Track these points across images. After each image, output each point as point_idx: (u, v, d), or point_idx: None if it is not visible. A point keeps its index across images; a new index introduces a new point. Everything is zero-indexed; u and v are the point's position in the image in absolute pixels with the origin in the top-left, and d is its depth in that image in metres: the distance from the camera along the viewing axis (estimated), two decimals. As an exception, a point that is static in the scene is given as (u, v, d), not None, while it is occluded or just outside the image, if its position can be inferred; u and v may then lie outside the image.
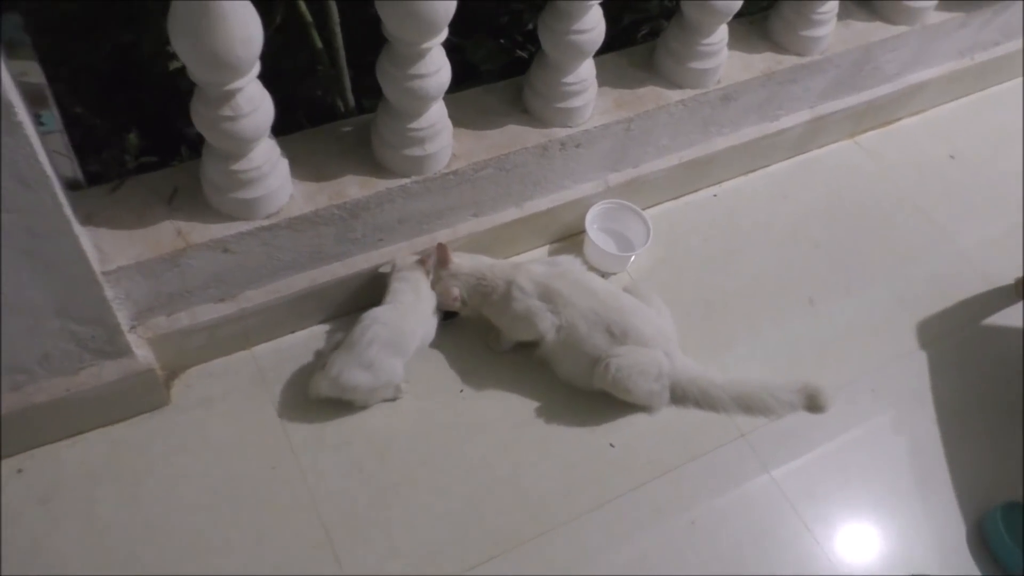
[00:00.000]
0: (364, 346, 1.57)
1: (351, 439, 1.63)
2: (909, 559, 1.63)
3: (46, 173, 1.14)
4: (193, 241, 1.47)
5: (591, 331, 1.63)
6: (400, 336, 1.59)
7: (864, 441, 1.76)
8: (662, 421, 1.72)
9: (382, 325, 1.58)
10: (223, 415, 1.63)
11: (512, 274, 1.67)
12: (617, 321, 1.63)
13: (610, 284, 1.72)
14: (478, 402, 1.70)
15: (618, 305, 1.65)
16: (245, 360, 1.70)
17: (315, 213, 1.54)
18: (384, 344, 1.57)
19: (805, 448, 1.73)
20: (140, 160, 2.21)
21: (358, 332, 1.58)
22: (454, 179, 1.66)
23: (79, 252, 1.28)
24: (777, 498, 1.66)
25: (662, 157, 1.96)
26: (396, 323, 1.59)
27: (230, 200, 1.47)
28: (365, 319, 1.59)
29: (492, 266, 1.69)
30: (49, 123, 1.90)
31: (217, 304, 1.60)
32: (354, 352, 1.57)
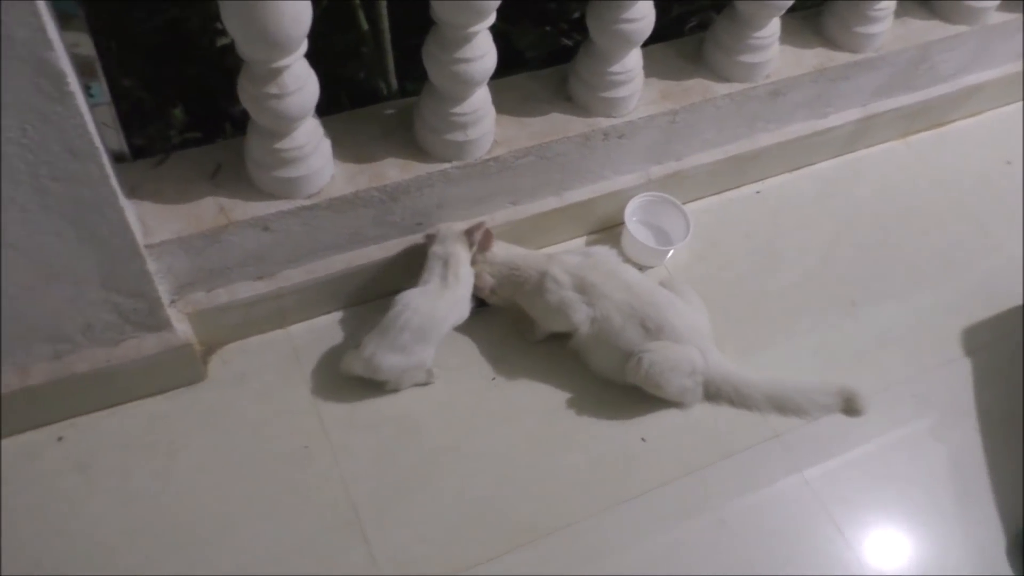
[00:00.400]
0: (397, 331, 1.58)
1: (382, 421, 1.64)
2: (944, 569, 1.60)
3: (95, 144, 1.16)
4: (235, 218, 1.48)
5: (625, 324, 1.62)
6: (431, 323, 1.60)
7: (903, 447, 1.73)
8: (694, 418, 1.71)
9: (413, 311, 1.58)
10: (257, 392, 1.65)
11: (546, 265, 1.66)
12: (652, 316, 1.62)
13: (645, 277, 1.71)
14: (509, 390, 1.70)
15: (653, 299, 1.64)
16: (280, 339, 1.72)
17: (355, 195, 1.55)
18: (415, 330, 1.58)
19: (840, 451, 1.71)
20: (184, 135, 2.24)
21: (391, 316, 1.59)
22: (494, 166, 1.65)
23: (124, 224, 1.30)
24: (810, 500, 1.64)
25: (706, 151, 1.94)
26: (428, 310, 1.60)
27: (272, 178, 1.49)
28: (398, 303, 1.60)
29: (526, 256, 1.69)
30: (98, 95, 1.93)
31: (255, 282, 1.62)
32: (387, 336, 1.58)
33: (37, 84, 1.06)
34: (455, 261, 1.63)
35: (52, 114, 1.10)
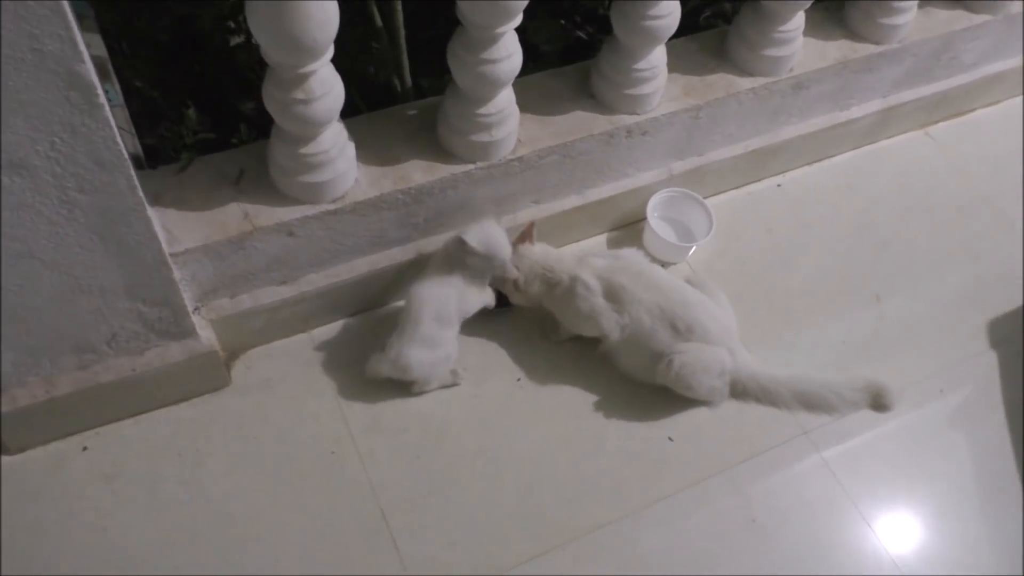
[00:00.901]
0: (413, 325, 1.57)
1: (408, 425, 1.63)
2: (974, 564, 1.60)
3: (123, 155, 1.15)
4: (260, 224, 1.47)
5: (655, 326, 1.61)
6: (446, 307, 1.58)
7: (930, 442, 1.73)
8: (722, 416, 1.70)
9: (423, 301, 1.58)
10: (282, 397, 1.64)
11: (577, 269, 1.65)
12: (682, 316, 1.61)
13: (674, 277, 1.69)
14: (535, 392, 1.70)
15: (683, 299, 1.63)
16: (304, 343, 1.71)
17: (379, 198, 1.54)
18: (432, 317, 1.57)
19: (869, 448, 1.70)
20: (198, 136, 2.22)
21: (405, 313, 1.60)
22: (518, 166, 1.64)
23: (151, 234, 1.28)
24: (840, 498, 1.63)
25: (728, 146, 1.93)
26: (436, 294, 1.59)
27: (297, 183, 1.47)
28: (409, 299, 1.60)
29: (560, 259, 1.67)
30: (113, 97, 1.91)
31: (279, 287, 1.61)
32: (406, 332, 1.58)
33: (67, 97, 1.05)
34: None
35: (81, 126, 1.09)
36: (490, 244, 1.55)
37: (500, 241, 1.57)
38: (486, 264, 1.57)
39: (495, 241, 1.56)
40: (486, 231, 1.56)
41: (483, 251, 1.54)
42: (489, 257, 1.56)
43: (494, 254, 1.56)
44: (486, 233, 1.56)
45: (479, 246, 1.54)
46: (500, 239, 1.57)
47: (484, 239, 1.55)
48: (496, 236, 1.57)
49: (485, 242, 1.55)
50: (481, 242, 1.54)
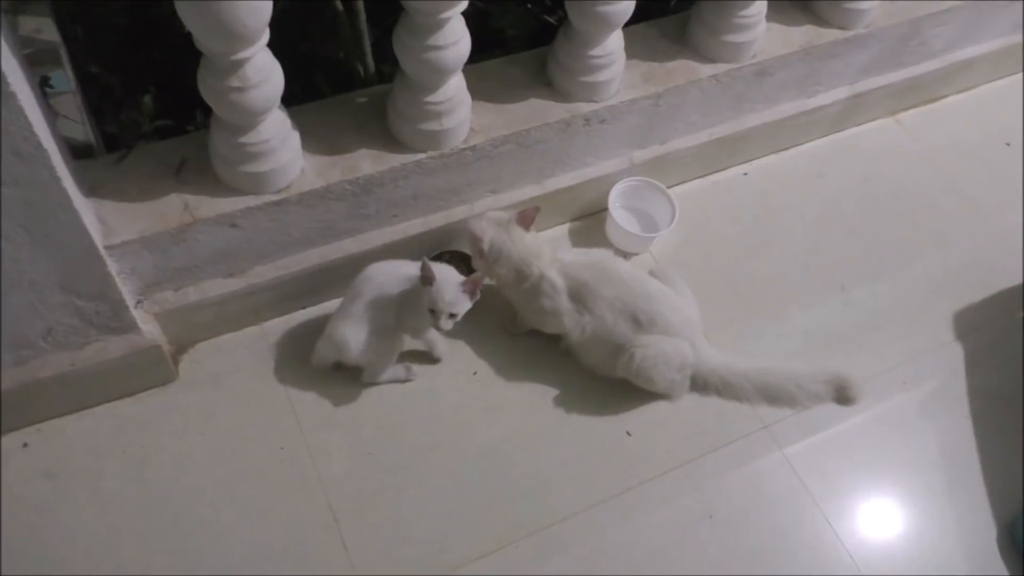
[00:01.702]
0: (351, 299, 1.55)
1: (361, 420, 1.60)
2: (936, 560, 1.57)
3: (42, 146, 1.10)
4: (200, 216, 1.43)
5: (616, 320, 1.58)
6: (386, 292, 1.54)
7: (894, 436, 1.70)
8: (682, 410, 1.67)
9: (368, 277, 1.55)
10: (231, 392, 1.61)
11: (545, 267, 1.61)
12: (644, 309, 1.58)
13: (638, 271, 1.66)
14: (493, 386, 1.67)
15: (645, 291, 1.60)
16: (255, 336, 1.68)
17: (326, 188, 1.51)
18: (372, 296, 1.54)
19: (831, 442, 1.68)
20: (156, 123, 2.17)
21: (349, 287, 1.57)
22: (472, 155, 1.61)
23: (80, 227, 1.24)
24: (800, 494, 1.61)
25: (691, 134, 1.90)
26: (383, 279, 1.55)
27: (239, 174, 1.44)
28: (361, 274, 1.57)
29: (539, 254, 1.60)
30: (60, 84, 1.86)
31: (226, 279, 1.57)
32: (343, 307, 1.56)
33: (-26, 87, 1.00)
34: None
35: (-5, 117, 1.04)
36: (441, 287, 1.48)
37: (448, 294, 1.48)
38: (428, 298, 1.49)
39: (445, 289, 1.48)
40: (446, 278, 1.50)
41: (434, 284, 1.47)
42: (432, 292, 1.48)
43: (435, 298, 1.48)
44: (445, 279, 1.49)
45: (435, 276, 1.47)
46: (449, 293, 1.48)
47: (441, 280, 1.48)
48: (448, 288, 1.48)
49: (439, 284, 1.48)
50: (439, 280, 1.48)
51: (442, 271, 1.51)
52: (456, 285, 1.48)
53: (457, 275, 1.52)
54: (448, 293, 1.47)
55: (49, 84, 1.76)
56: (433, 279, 1.46)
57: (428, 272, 1.46)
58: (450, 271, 1.53)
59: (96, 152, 1.90)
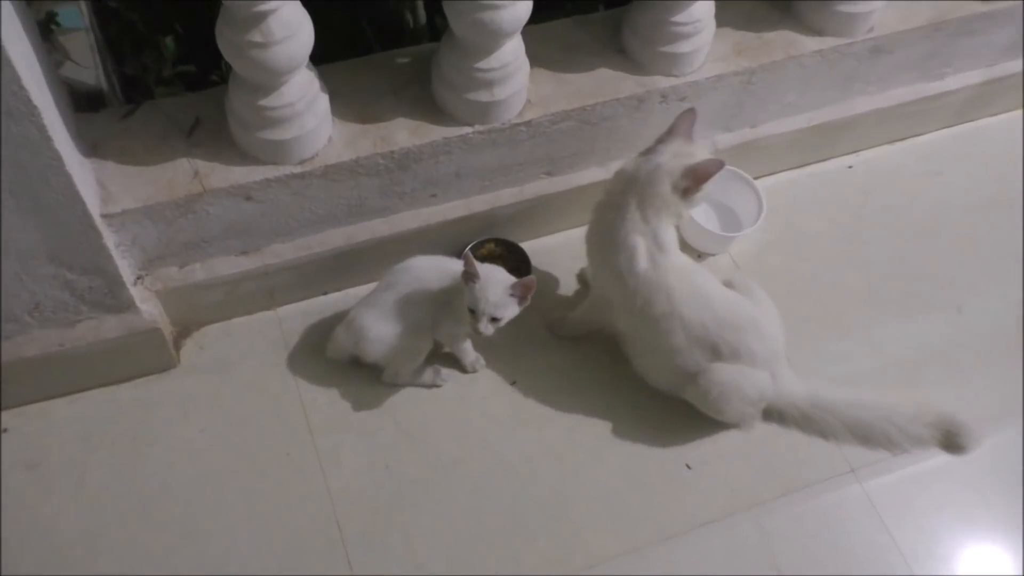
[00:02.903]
0: (383, 288, 1.54)
1: (379, 426, 1.59)
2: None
3: (32, 101, 1.10)
4: (211, 186, 1.43)
5: (692, 347, 1.53)
6: (423, 288, 1.53)
7: (1011, 491, 1.61)
8: (753, 443, 1.62)
9: (405, 268, 1.55)
10: (237, 383, 1.62)
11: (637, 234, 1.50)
12: (730, 341, 1.52)
13: (731, 294, 1.59)
14: (531, 397, 1.65)
15: (735, 321, 1.53)
16: (268, 322, 1.68)
17: (356, 161, 1.49)
18: (405, 289, 1.53)
19: (935, 498, 1.60)
20: (177, 69, 2.18)
21: (385, 277, 1.57)
22: (526, 131, 1.58)
23: (73, 192, 1.24)
24: (890, 552, 1.54)
25: (787, 117, 1.84)
26: (423, 273, 1.54)
27: (257, 140, 1.42)
28: (401, 264, 1.56)
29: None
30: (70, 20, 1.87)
31: (238, 257, 1.58)
32: (372, 295, 1.56)
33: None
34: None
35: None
36: (485, 286, 1.44)
37: (493, 294, 1.44)
38: (468, 296, 1.46)
39: (491, 288, 1.44)
40: (492, 276, 1.46)
41: (477, 282, 1.43)
42: (474, 290, 1.44)
43: (477, 297, 1.44)
44: (491, 277, 1.46)
45: (479, 273, 1.43)
46: (495, 294, 1.44)
47: (487, 278, 1.44)
48: (494, 288, 1.44)
49: (484, 282, 1.44)
50: (483, 277, 1.44)
51: (488, 269, 1.48)
52: (504, 286, 1.45)
53: (506, 276, 1.49)
54: (493, 293, 1.44)
55: (56, 21, 1.77)
56: (476, 276, 1.43)
57: (471, 267, 1.43)
58: (498, 271, 1.50)
59: (108, 99, 1.91)
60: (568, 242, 1.79)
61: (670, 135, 1.51)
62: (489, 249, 1.75)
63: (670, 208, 1.49)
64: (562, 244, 1.80)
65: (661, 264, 1.50)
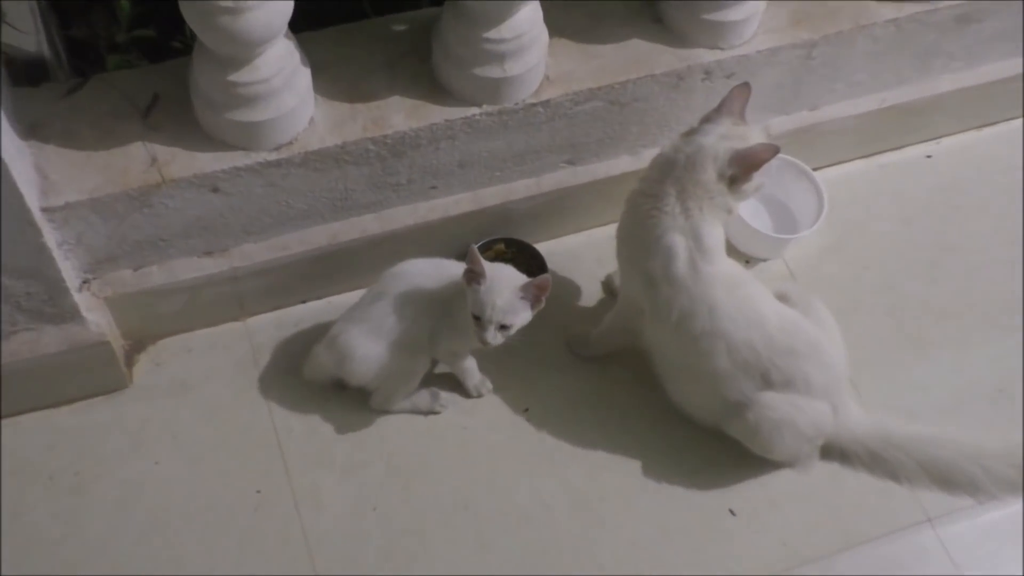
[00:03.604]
0: (370, 299, 1.54)
1: (366, 461, 1.60)
2: None
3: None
4: (173, 174, 1.44)
5: (737, 372, 1.53)
6: (416, 298, 1.53)
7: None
8: (810, 487, 1.63)
9: (395, 275, 1.55)
10: (199, 408, 1.62)
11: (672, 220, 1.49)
12: (783, 367, 1.52)
13: (789, 312, 1.58)
14: (548, 428, 1.66)
15: (790, 344, 1.53)
16: (236, 335, 1.69)
17: (343, 147, 1.50)
18: (396, 300, 1.53)
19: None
20: (133, 33, 2.19)
21: (371, 287, 1.57)
22: (544, 113, 1.58)
23: (7, 182, 1.25)
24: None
25: (854, 98, 1.85)
26: (416, 279, 1.55)
27: (227, 122, 1.43)
28: (391, 270, 1.57)
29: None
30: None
31: (202, 258, 1.59)
32: (357, 308, 1.56)
33: None
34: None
35: None
36: (492, 287, 1.44)
37: (501, 297, 1.44)
38: (472, 300, 1.46)
39: (498, 291, 1.44)
40: (500, 276, 1.46)
41: (483, 283, 1.44)
42: (480, 292, 1.44)
43: (482, 301, 1.44)
44: (499, 276, 1.46)
45: (484, 272, 1.44)
46: (503, 297, 1.44)
47: (494, 278, 1.45)
48: (502, 290, 1.44)
49: (491, 283, 1.44)
50: (490, 277, 1.44)
51: (496, 268, 1.48)
52: (514, 287, 1.45)
53: (516, 275, 1.50)
54: (501, 296, 1.44)
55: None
56: (482, 276, 1.44)
57: (476, 265, 1.44)
58: (506, 269, 1.51)
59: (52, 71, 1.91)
60: (592, 243, 1.80)
61: (718, 113, 1.51)
62: (498, 251, 1.76)
63: (715, 200, 1.48)
64: (585, 246, 1.82)
65: (703, 270, 1.49)
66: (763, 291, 1.57)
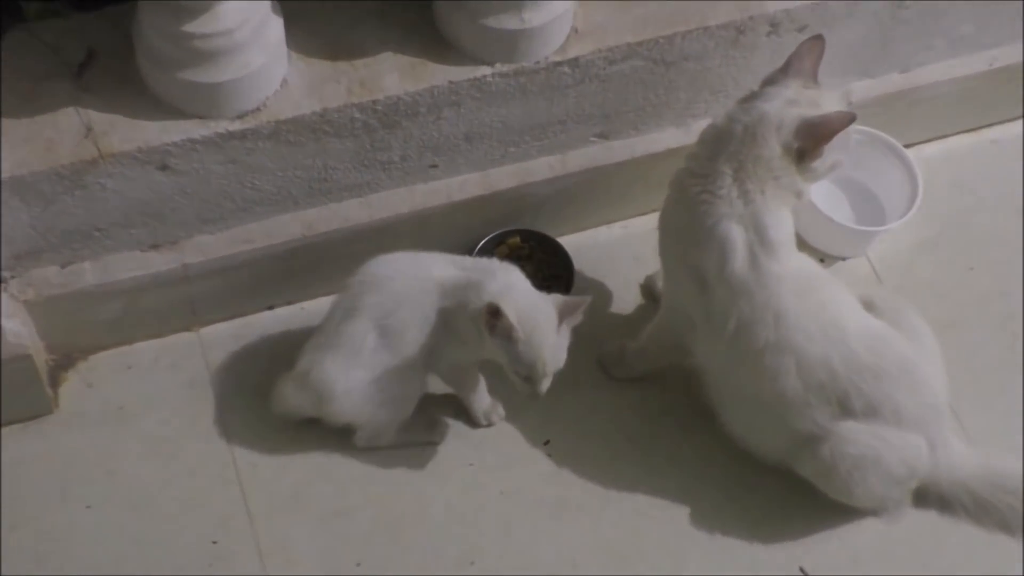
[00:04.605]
0: (342, 317, 1.55)
1: (348, 507, 1.62)
2: None
3: None
4: (112, 148, 1.45)
5: (809, 395, 1.54)
6: (407, 294, 1.54)
7: None
8: (899, 539, 1.65)
9: (369, 283, 1.55)
10: (141, 439, 1.64)
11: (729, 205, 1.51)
12: (866, 391, 1.54)
13: (873, 320, 1.60)
14: (572, 465, 1.68)
15: (877, 363, 1.54)
16: (188, 349, 1.71)
17: (322, 116, 1.51)
18: (376, 316, 1.53)
19: None
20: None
21: (336, 300, 1.58)
22: (571, 73, 1.60)
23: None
24: None
25: (958, 57, 1.87)
26: (405, 275, 1.55)
27: (179, 83, 1.44)
28: (359, 275, 1.56)
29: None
30: None
31: (147, 253, 1.60)
32: (326, 330, 1.57)
33: None
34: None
35: None
36: (532, 337, 1.45)
37: (546, 346, 1.46)
38: (508, 356, 1.48)
39: (543, 339, 1.46)
40: (534, 317, 1.47)
41: (519, 338, 1.45)
42: (519, 350, 1.45)
43: (529, 359, 1.46)
44: (533, 318, 1.46)
45: (519, 324, 1.44)
46: (548, 344, 1.46)
47: (528, 322, 1.45)
48: (545, 335, 1.46)
49: (531, 334, 1.45)
50: (526, 324, 1.45)
51: (519, 298, 1.48)
52: (552, 322, 1.47)
53: (541, 300, 1.50)
54: (546, 344, 1.45)
55: None
56: (511, 329, 1.43)
57: (500, 319, 1.42)
58: (532, 297, 1.51)
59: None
60: (629, 237, 1.83)
61: (785, 74, 1.52)
62: (513, 245, 1.78)
63: (780, 182, 1.50)
64: (620, 240, 1.85)
65: (767, 269, 1.51)
66: (844, 296, 1.59)
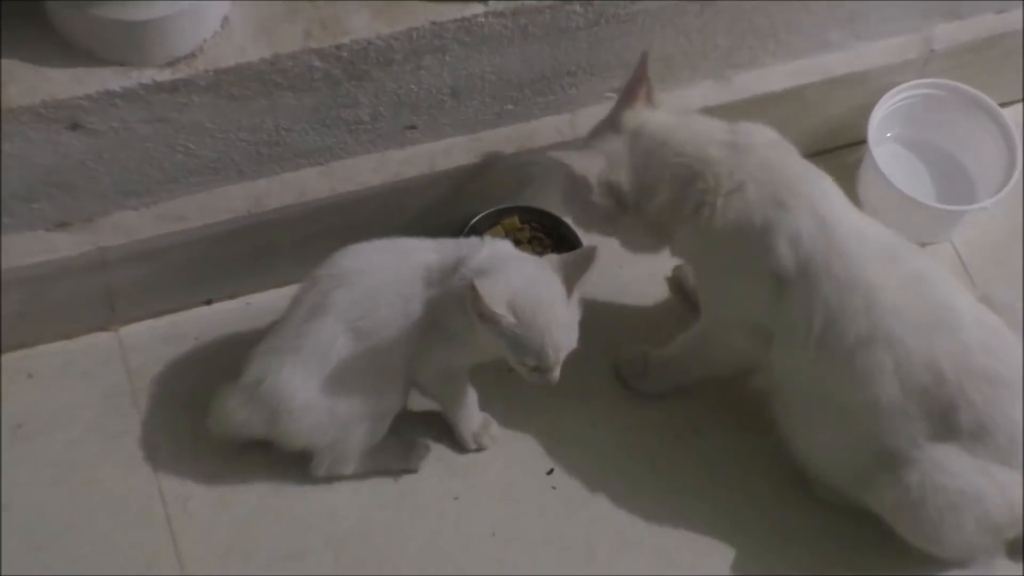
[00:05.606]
0: (302, 316, 1.56)
1: (307, 548, 1.63)
2: None
3: None
4: (10, 102, 1.46)
5: (908, 402, 1.55)
6: (384, 289, 1.56)
7: None
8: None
9: (338, 275, 1.57)
10: (46, 464, 1.65)
11: (768, 175, 1.56)
12: (978, 404, 1.54)
13: (987, 312, 1.60)
14: (581, 498, 1.69)
15: (993, 369, 1.55)
16: (105, 352, 1.73)
17: (273, 64, 1.52)
18: (347, 315, 1.55)
19: None
20: None
21: (300, 296, 1.59)
22: (582, 13, 1.61)
23: None
24: None
25: None
26: (380, 265, 1.57)
27: (94, 22, 1.45)
28: (327, 267, 1.58)
29: (699, 141, 1.57)
30: None
31: (53, 233, 1.62)
32: (281, 332, 1.58)
33: None
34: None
35: None
36: (536, 318, 1.47)
37: (556, 326, 1.48)
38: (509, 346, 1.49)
39: (552, 320, 1.48)
40: (538, 295, 1.49)
41: (520, 324, 1.47)
42: (519, 334, 1.47)
43: (538, 345, 1.48)
44: (537, 298, 1.49)
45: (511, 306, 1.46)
46: (557, 322, 1.49)
47: (531, 303, 1.48)
48: (555, 314, 1.48)
49: (534, 316, 1.47)
50: (519, 297, 1.47)
51: (511, 272, 1.50)
52: (556, 294, 1.49)
53: (537, 265, 1.53)
54: (554, 323, 1.48)
55: None
56: (500, 319, 1.45)
57: (489, 308, 1.44)
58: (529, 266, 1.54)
59: None
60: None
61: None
62: (510, 226, 1.80)
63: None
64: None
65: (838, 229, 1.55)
66: (942, 271, 1.61)
